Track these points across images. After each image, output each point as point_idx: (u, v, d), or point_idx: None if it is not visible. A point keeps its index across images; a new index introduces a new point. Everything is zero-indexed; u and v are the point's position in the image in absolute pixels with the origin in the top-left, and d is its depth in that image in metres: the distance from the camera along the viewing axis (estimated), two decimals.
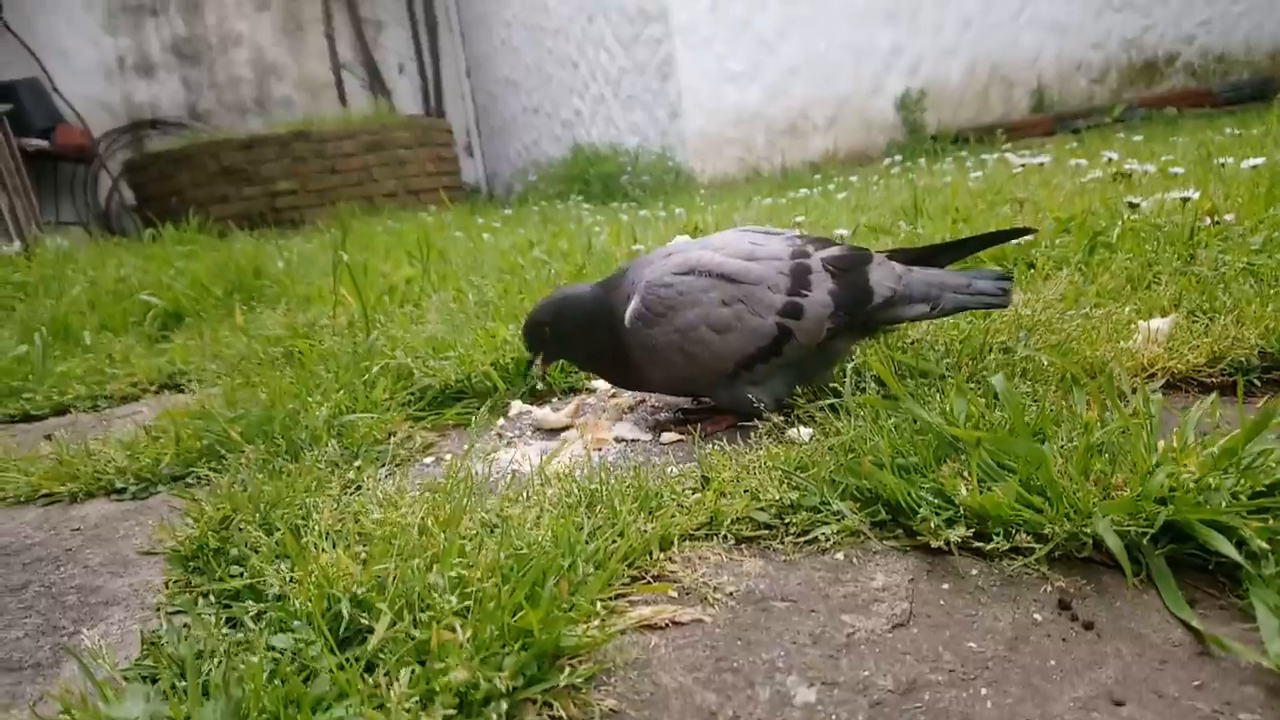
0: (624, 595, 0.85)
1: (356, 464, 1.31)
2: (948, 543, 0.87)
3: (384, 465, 1.34)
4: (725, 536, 0.96)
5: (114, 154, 8.25)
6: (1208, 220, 1.97)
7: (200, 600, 0.97)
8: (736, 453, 1.13)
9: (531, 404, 1.66)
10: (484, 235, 4.46)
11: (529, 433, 1.47)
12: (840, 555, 0.91)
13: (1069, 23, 8.92)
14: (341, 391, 1.57)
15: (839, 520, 0.95)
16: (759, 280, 1.28)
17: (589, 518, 0.96)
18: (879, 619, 0.80)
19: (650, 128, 8.32)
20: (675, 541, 0.94)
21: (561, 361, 1.62)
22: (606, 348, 1.35)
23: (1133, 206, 2.03)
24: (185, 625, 0.92)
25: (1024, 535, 0.86)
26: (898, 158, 7.50)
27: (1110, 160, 3.81)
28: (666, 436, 1.32)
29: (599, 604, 0.79)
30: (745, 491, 1.01)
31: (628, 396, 1.58)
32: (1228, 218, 1.98)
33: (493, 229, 5.01)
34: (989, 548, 0.87)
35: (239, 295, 2.83)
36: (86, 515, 1.34)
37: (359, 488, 1.24)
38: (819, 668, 0.73)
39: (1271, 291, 1.46)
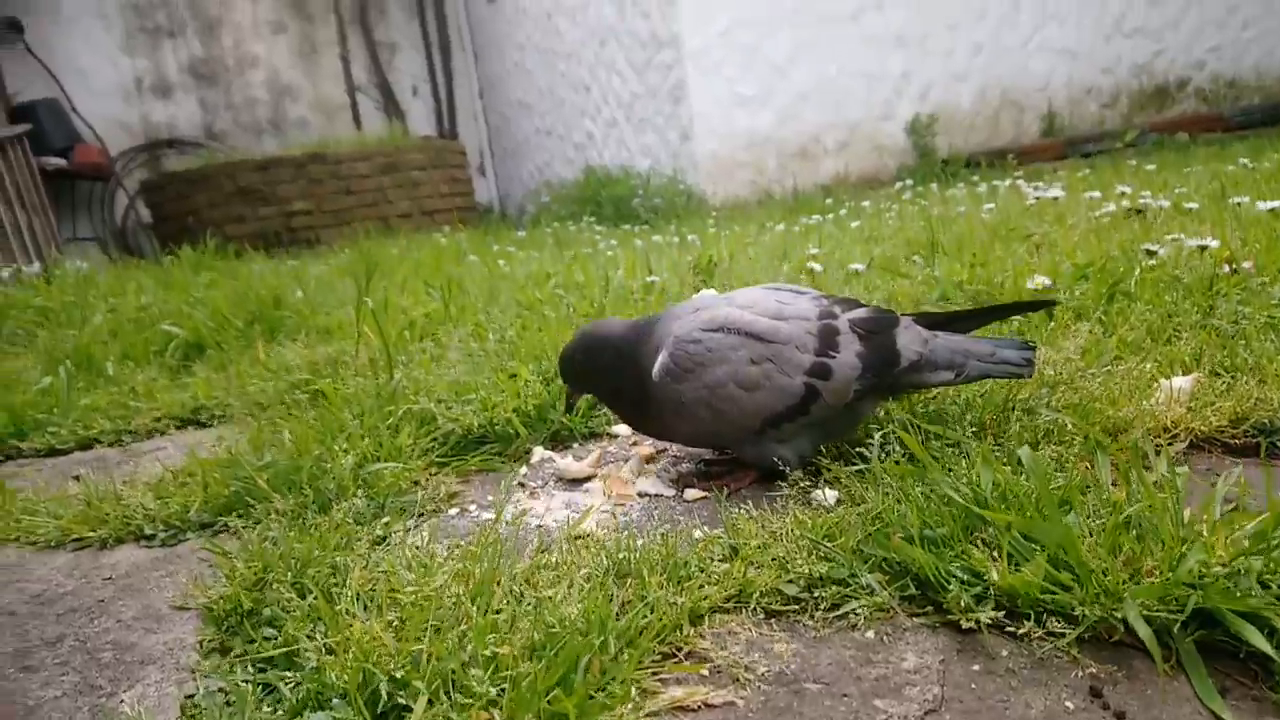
0: (656, 673, 0.86)
1: (384, 519, 1.32)
2: (978, 623, 0.88)
3: (410, 518, 1.35)
4: (755, 609, 0.97)
5: (130, 173, 8.34)
6: (1226, 268, 1.98)
7: (235, 665, 0.98)
8: (763, 517, 1.14)
9: (553, 450, 1.68)
10: (499, 261, 4.49)
11: (552, 482, 1.49)
12: (871, 634, 0.91)
13: (1079, 48, 8.95)
14: (366, 438, 1.59)
15: (869, 595, 0.95)
16: (788, 340, 1.29)
17: (618, 588, 0.97)
18: (911, 704, 0.80)
19: (662, 150, 8.38)
20: (705, 616, 0.95)
21: (586, 400, 1.65)
22: (632, 394, 1.37)
23: (1150, 254, 2.04)
24: (222, 692, 0.93)
25: (1055, 619, 0.87)
26: (909, 181, 7.52)
27: (1124, 194, 3.82)
28: (690, 493, 1.33)
29: (632, 687, 0.80)
30: (774, 561, 1.02)
31: (649, 444, 1.59)
32: (1246, 265, 1.99)
33: (507, 254, 5.05)
34: (1021, 630, 0.87)
35: (259, 326, 2.86)
36: (117, 563, 1.36)
37: (386, 542, 1.26)
38: None
39: None
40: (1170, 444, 1.30)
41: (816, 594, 0.97)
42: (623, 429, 1.73)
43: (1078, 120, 9.20)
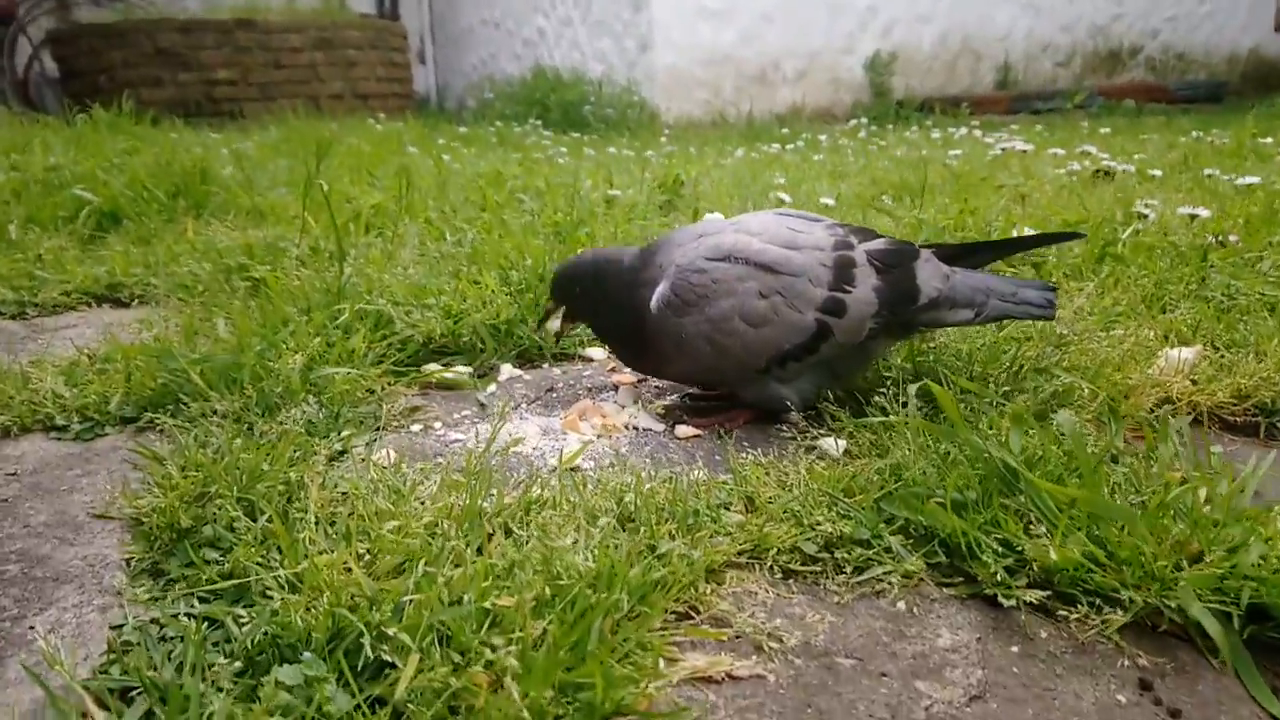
0: (672, 637, 0.76)
1: (341, 431, 1.18)
2: (1018, 601, 0.81)
3: (369, 432, 1.21)
4: (771, 568, 0.88)
5: (35, 19, 7.56)
6: (1211, 239, 1.95)
7: (171, 592, 0.85)
8: (771, 464, 1.05)
9: (520, 368, 1.55)
10: (444, 157, 4.22)
11: (525, 405, 1.36)
12: (901, 604, 0.84)
13: (1042, 3, 8.89)
14: (316, 337, 1.43)
15: (896, 561, 0.88)
16: (800, 272, 1.18)
17: (627, 535, 0.86)
18: (955, 689, 0.73)
19: (617, 58, 8.04)
20: (720, 572, 0.85)
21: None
22: (627, 325, 1.25)
23: (1140, 217, 2.00)
24: (157, 624, 0.80)
25: (1096, 602, 0.81)
26: (865, 120, 7.42)
27: (1087, 154, 3.80)
28: (682, 430, 1.23)
29: (657, 655, 0.71)
30: (788, 515, 0.93)
31: (628, 372, 1.48)
32: (1232, 238, 1.96)
33: (452, 150, 4.76)
34: (1059, 610, 0.81)
35: (184, 200, 2.59)
36: (23, 456, 1.18)
37: (344, 458, 1.12)
38: None
39: None
40: (1174, 415, 1.25)
41: (837, 555, 0.89)
42: (597, 352, 1.60)
43: (1031, 76, 9.20)
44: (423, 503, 0.93)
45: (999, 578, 0.84)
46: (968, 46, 8.86)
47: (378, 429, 1.25)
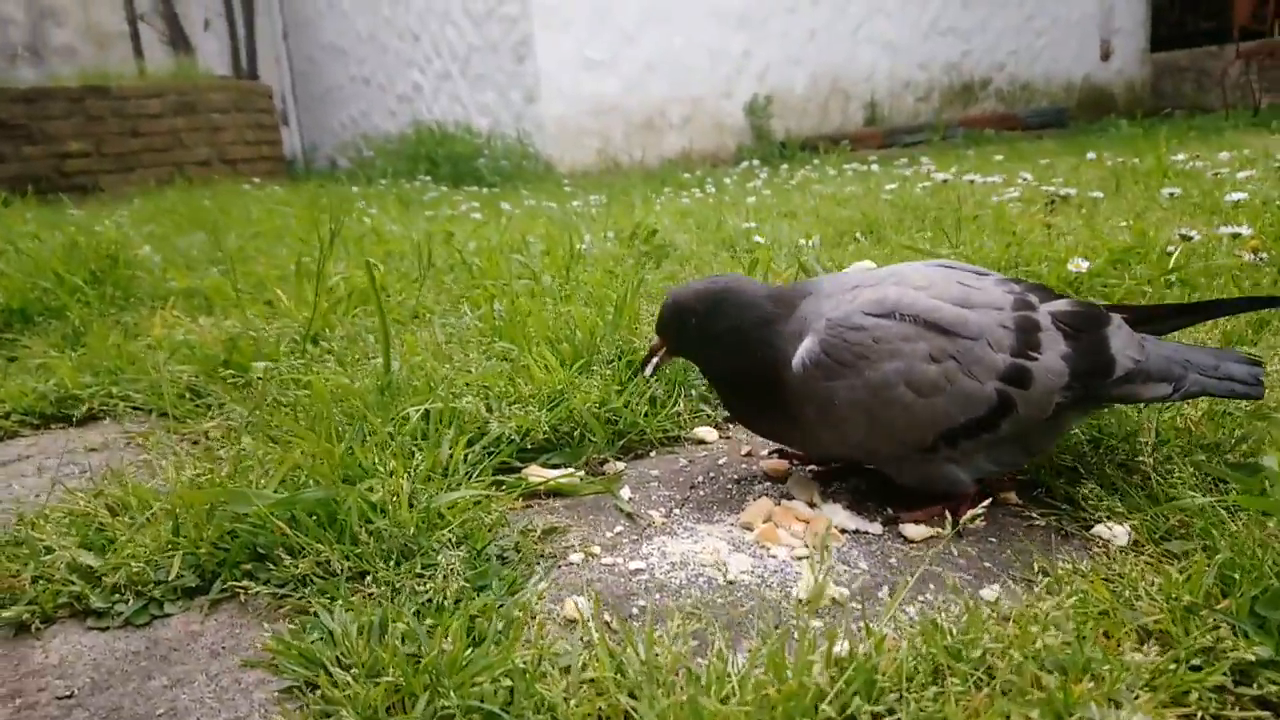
0: None
1: (502, 580, 0.91)
2: None
3: (536, 577, 0.95)
4: None
5: None
6: (1251, 256, 1.95)
7: None
8: (1081, 574, 0.87)
9: (625, 460, 1.32)
10: (363, 219, 3.89)
11: (676, 510, 1.13)
12: None
13: (900, 42, 9.36)
14: (390, 451, 1.15)
15: None
16: (978, 334, 1.01)
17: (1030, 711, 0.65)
18: None
19: (503, 110, 7.86)
20: None
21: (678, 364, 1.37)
22: (756, 382, 1.08)
23: (1185, 239, 1.97)
24: None
25: None
26: (755, 162, 7.54)
27: (1025, 180, 3.90)
28: (912, 531, 1.03)
29: None
30: (1168, 640, 0.75)
31: (773, 458, 1.26)
32: (1262, 255, 1.97)
33: (359, 211, 4.41)
34: None
35: (108, 288, 2.19)
36: (66, 663, 0.85)
37: (538, 621, 0.86)
38: None
39: None
40: None
41: (1260, 689, 0.71)
42: (708, 432, 1.39)
43: (895, 112, 9.63)
44: (724, 692, 0.69)
45: None
46: (837, 87, 9.19)
47: (536, 565, 0.98)
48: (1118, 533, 0.95)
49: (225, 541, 0.98)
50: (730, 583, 0.94)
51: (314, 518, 0.99)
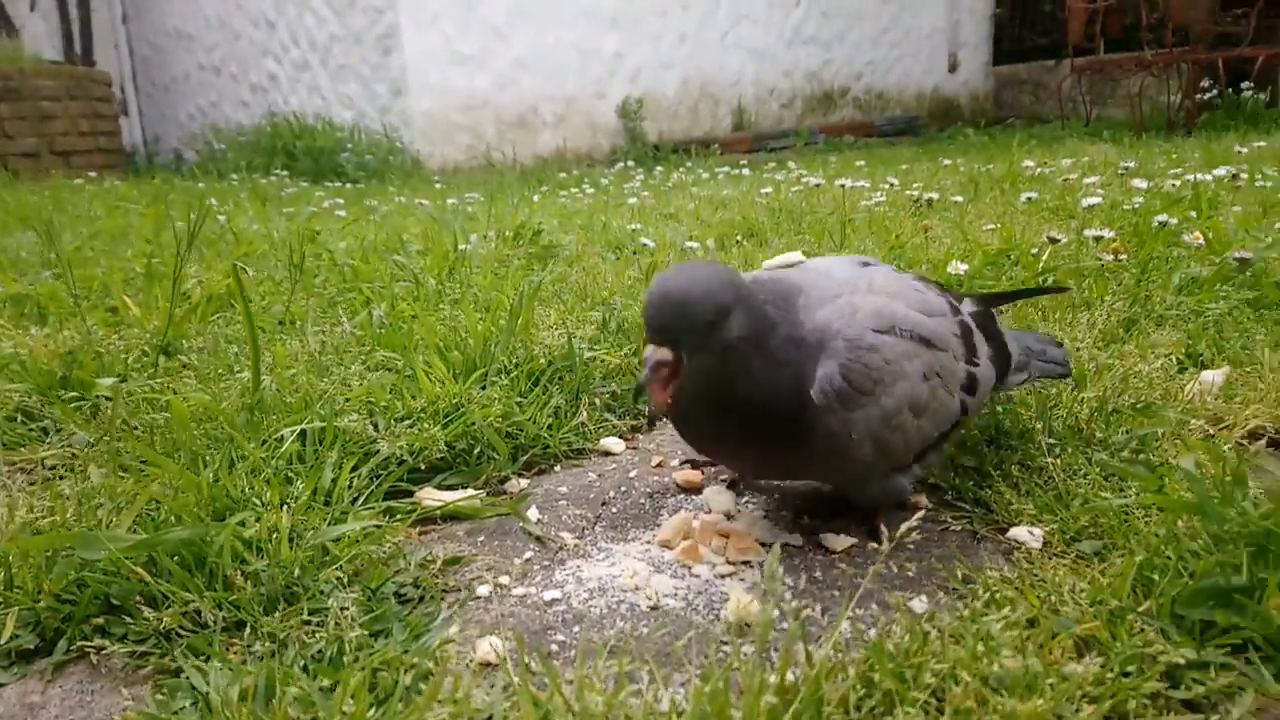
0: None
1: (402, 624, 0.82)
2: None
3: (442, 617, 0.86)
4: None
5: None
6: (1111, 256, 2.06)
7: None
8: (1008, 582, 0.86)
9: (527, 476, 1.24)
10: (219, 217, 3.61)
11: (587, 530, 1.06)
12: None
13: (765, 50, 9.59)
14: (276, 480, 1.03)
15: (1251, 681, 0.72)
16: (947, 346, 1.00)
17: None
18: None
19: (368, 103, 7.54)
20: None
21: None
22: (761, 407, 0.91)
23: (1053, 241, 2.06)
24: None
25: None
26: (631, 163, 7.54)
27: (891, 184, 4.04)
28: (834, 541, 0.99)
29: None
30: (1099, 648, 0.75)
31: (685, 468, 1.21)
32: (1122, 256, 2.08)
33: (209, 209, 4.09)
34: None
35: None
36: None
37: (435, 664, 0.77)
38: None
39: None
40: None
41: (1188, 691, 0.72)
42: (614, 443, 1.33)
43: (761, 118, 9.87)
44: None
45: None
46: (706, 91, 9.32)
47: (440, 602, 0.89)
48: (1033, 535, 0.95)
49: (71, 593, 0.85)
50: (654, 608, 0.88)
51: (178, 560, 0.87)
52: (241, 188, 5.59)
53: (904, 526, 0.76)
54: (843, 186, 3.95)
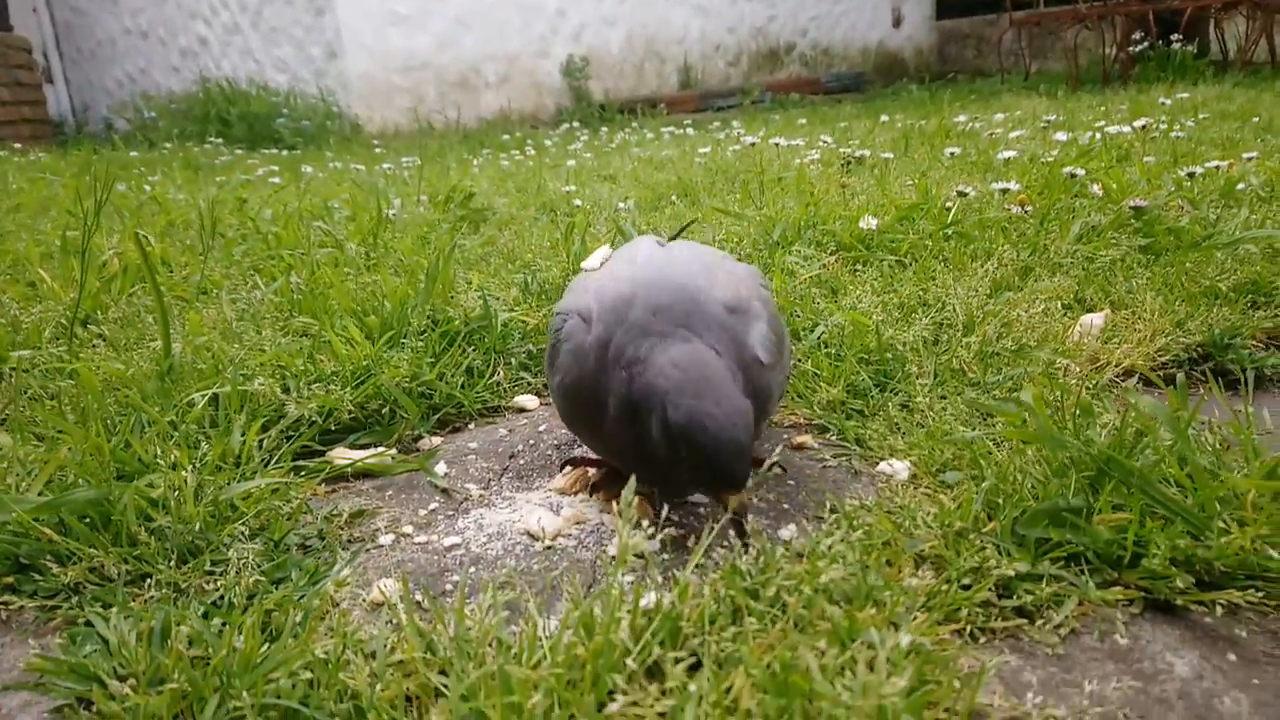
0: None
1: (301, 571, 0.87)
2: (1211, 603, 0.77)
3: (340, 564, 0.91)
4: (972, 634, 0.76)
5: None
6: (1017, 209, 2.14)
7: None
8: (867, 509, 0.93)
9: (441, 435, 1.29)
10: (143, 187, 3.55)
11: (493, 482, 1.12)
12: (1120, 639, 0.76)
13: (710, 6, 9.54)
14: (173, 442, 1.06)
15: (1079, 590, 0.80)
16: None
17: (826, 641, 0.70)
18: None
19: (303, 66, 7.38)
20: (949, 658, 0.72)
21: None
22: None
23: (962, 195, 2.14)
24: None
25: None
26: (576, 124, 7.49)
27: (825, 143, 4.09)
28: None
29: None
30: (940, 564, 0.82)
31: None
32: (1028, 208, 2.17)
33: (146, 180, 4.02)
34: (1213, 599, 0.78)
35: None
36: None
37: (334, 605, 0.82)
38: None
39: (1162, 283, 1.59)
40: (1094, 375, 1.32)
41: (1016, 601, 0.80)
42: (529, 400, 1.38)
43: (708, 76, 9.84)
44: (535, 658, 0.69)
45: (1178, 584, 0.80)
46: (651, 49, 9.27)
47: (341, 551, 0.94)
48: (899, 468, 1.03)
49: None
50: (548, 548, 0.94)
51: (86, 521, 0.90)
52: (173, 157, 5.47)
53: (766, 464, 0.83)
54: (777, 145, 4.00)
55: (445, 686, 0.67)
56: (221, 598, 0.81)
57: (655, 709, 0.62)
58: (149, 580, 0.85)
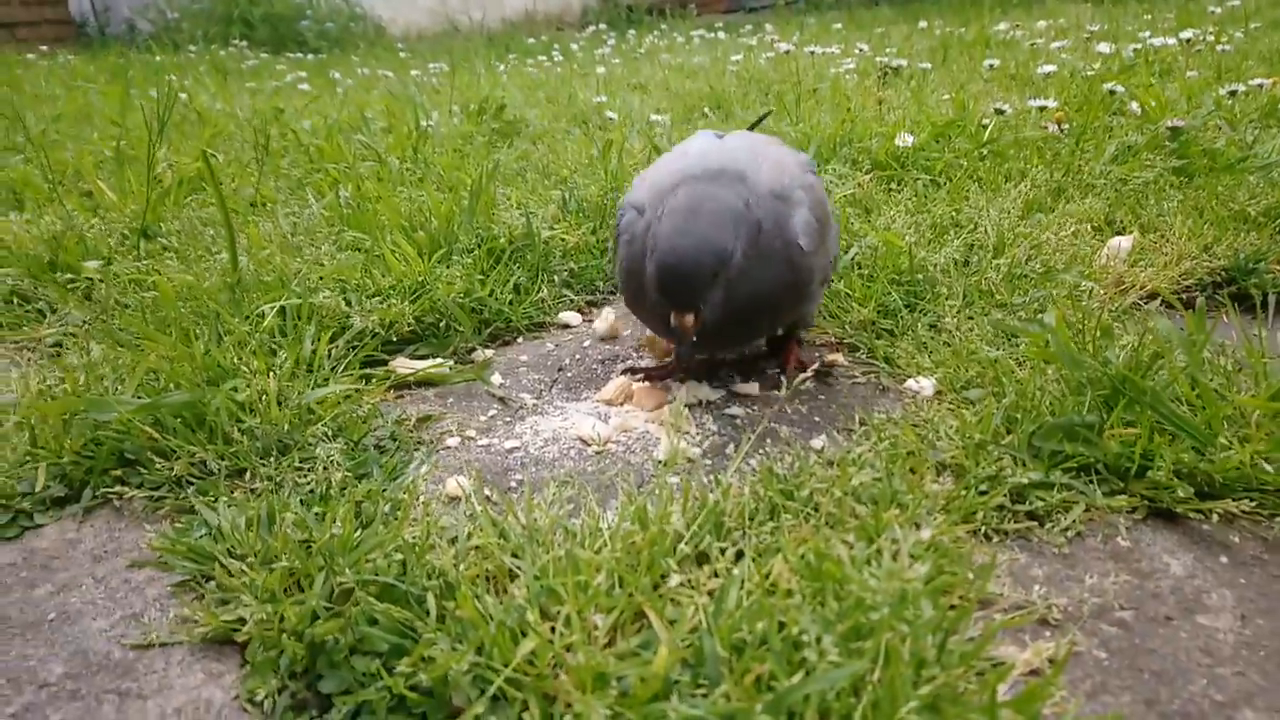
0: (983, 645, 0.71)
1: (378, 470, 0.96)
2: (1209, 513, 0.85)
3: (416, 462, 1.00)
4: (986, 535, 0.85)
5: None
6: (1055, 127, 2.14)
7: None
8: (893, 422, 1.00)
9: (493, 347, 1.37)
10: (180, 95, 3.57)
11: (545, 393, 1.20)
12: (1122, 541, 0.84)
13: None
14: (261, 351, 1.15)
15: (1086, 498, 0.88)
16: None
17: (855, 538, 0.78)
18: (1225, 615, 0.75)
19: None
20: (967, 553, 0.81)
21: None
22: (769, 291, 1.02)
23: (999, 113, 2.14)
24: None
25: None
26: (603, 25, 7.33)
27: (861, 51, 4.02)
28: (744, 388, 1.14)
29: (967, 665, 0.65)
30: (963, 473, 0.90)
31: (606, 326, 1.35)
32: (1065, 126, 2.17)
33: (165, 83, 4.02)
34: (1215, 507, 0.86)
35: None
36: None
37: (413, 500, 0.92)
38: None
39: (1192, 206, 1.62)
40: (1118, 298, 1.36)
41: (1029, 506, 0.88)
42: (571, 316, 1.45)
43: None
44: (597, 544, 0.78)
45: (1180, 494, 0.87)
46: None
47: (414, 451, 1.04)
48: (925, 385, 1.10)
49: (89, 450, 0.98)
50: (599, 452, 1.03)
51: (181, 420, 1.00)
52: (200, 61, 5.44)
53: (800, 377, 0.91)
54: (812, 53, 3.93)
55: (519, 568, 0.76)
56: (314, 490, 0.91)
57: (706, 586, 0.71)
58: (246, 474, 0.95)
